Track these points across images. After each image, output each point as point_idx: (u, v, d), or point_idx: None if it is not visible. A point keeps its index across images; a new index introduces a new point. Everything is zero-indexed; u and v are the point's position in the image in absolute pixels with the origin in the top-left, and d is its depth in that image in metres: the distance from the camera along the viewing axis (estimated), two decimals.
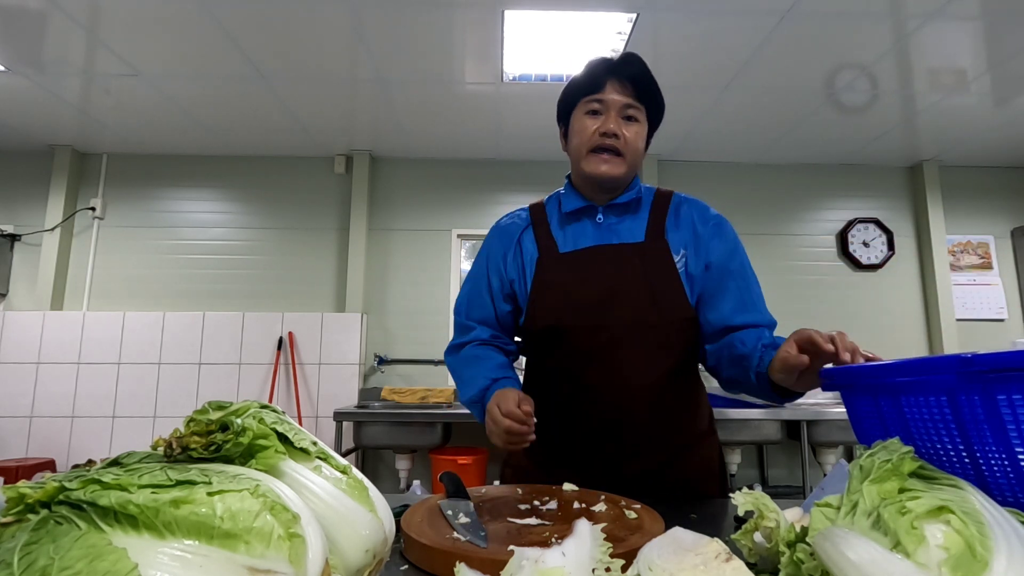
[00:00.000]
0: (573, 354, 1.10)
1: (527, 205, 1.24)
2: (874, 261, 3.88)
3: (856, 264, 3.88)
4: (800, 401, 3.59)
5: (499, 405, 0.99)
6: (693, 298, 1.10)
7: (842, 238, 3.91)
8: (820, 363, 0.81)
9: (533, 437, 0.98)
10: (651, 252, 1.10)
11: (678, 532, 0.53)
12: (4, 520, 0.37)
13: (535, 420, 0.98)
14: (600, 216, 1.15)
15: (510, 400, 0.99)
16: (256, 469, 0.48)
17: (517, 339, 1.26)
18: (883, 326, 3.82)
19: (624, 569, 0.53)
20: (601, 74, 1.09)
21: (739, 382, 1.04)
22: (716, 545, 0.49)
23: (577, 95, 1.12)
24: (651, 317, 1.07)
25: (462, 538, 0.72)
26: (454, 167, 3.93)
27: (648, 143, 1.16)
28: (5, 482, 2.83)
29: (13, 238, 3.67)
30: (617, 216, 1.15)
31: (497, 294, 1.18)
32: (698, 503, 1.01)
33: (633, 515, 0.81)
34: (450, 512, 0.81)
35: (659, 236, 1.11)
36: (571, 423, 1.11)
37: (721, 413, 3.05)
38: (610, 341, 1.07)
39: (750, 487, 0.65)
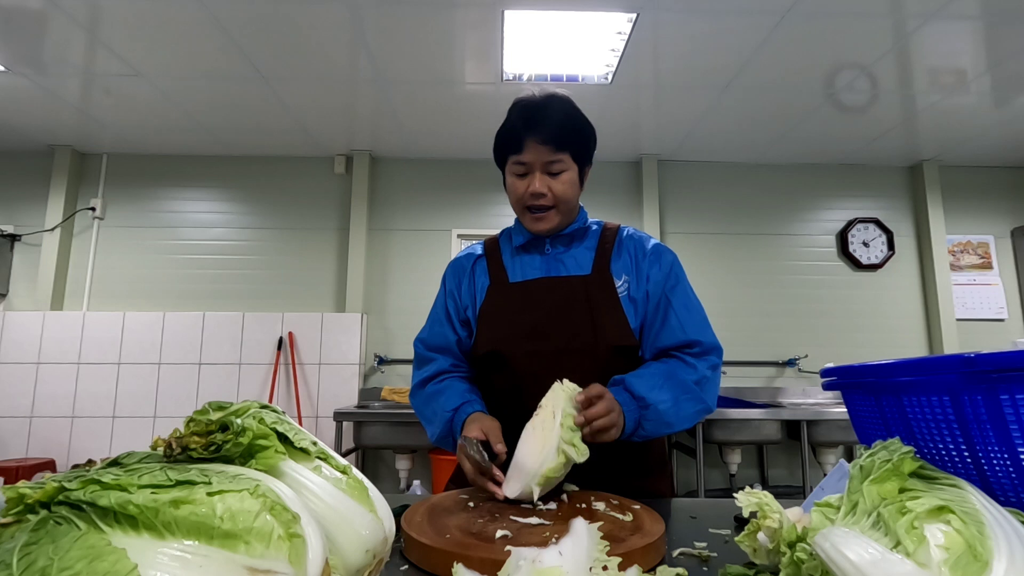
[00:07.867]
0: (513, 379, 1.14)
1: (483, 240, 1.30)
2: (874, 261, 3.88)
3: (856, 264, 3.88)
4: (800, 401, 3.61)
5: (464, 438, 1.00)
6: (636, 322, 1.14)
7: (842, 238, 3.90)
8: None
9: (499, 493, 0.92)
10: (595, 284, 1.15)
11: None
12: (4, 520, 0.37)
13: (499, 474, 0.94)
14: (548, 247, 1.20)
15: (473, 432, 1.00)
16: (256, 469, 0.48)
17: None
18: (883, 326, 3.82)
19: (622, 568, 0.53)
20: (520, 131, 1.10)
21: None
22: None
23: (504, 153, 1.15)
24: (589, 344, 1.11)
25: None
26: (454, 167, 3.93)
27: (585, 175, 1.18)
28: (5, 482, 2.83)
29: (13, 238, 3.67)
30: (564, 246, 1.21)
31: (455, 319, 1.23)
32: (699, 503, 1.01)
33: (631, 516, 0.81)
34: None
35: (604, 269, 1.16)
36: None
37: (721, 413, 3.05)
38: (546, 367, 1.10)
39: (751, 487, 0.65)
